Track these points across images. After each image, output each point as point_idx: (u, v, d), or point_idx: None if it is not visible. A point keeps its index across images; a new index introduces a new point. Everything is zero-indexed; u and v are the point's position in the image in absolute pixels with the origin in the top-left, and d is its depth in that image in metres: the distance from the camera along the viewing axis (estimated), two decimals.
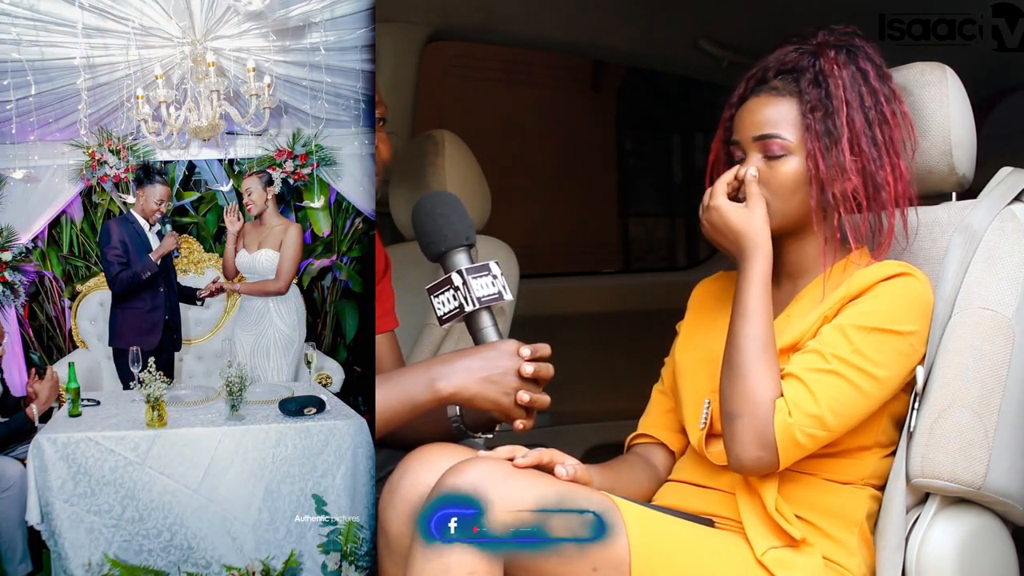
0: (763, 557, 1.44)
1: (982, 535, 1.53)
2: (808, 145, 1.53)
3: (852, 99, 1.54)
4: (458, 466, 1.38)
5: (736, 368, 1.47)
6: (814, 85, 1.55)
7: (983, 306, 1.51)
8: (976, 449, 1.47)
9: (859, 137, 1.53)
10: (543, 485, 1.39)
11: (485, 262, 1.52)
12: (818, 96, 1.54)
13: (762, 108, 1.57)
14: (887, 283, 1.49)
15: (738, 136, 1.60)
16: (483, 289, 1.51)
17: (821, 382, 1.44)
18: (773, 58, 1.62)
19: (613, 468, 1.68)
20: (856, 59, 1.56)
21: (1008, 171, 1.64)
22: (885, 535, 1.50)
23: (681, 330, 1.75)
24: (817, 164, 1.53)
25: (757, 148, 1.57)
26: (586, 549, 1.38)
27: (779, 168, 1.55)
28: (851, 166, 1.52)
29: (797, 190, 1.55)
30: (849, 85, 1.54)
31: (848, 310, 1.48)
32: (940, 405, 1.49)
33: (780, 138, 1.55)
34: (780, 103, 1.56)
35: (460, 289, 1.51)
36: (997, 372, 1.48)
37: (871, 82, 1.55)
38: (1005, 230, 1.55)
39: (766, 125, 1.56)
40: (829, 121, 1.52)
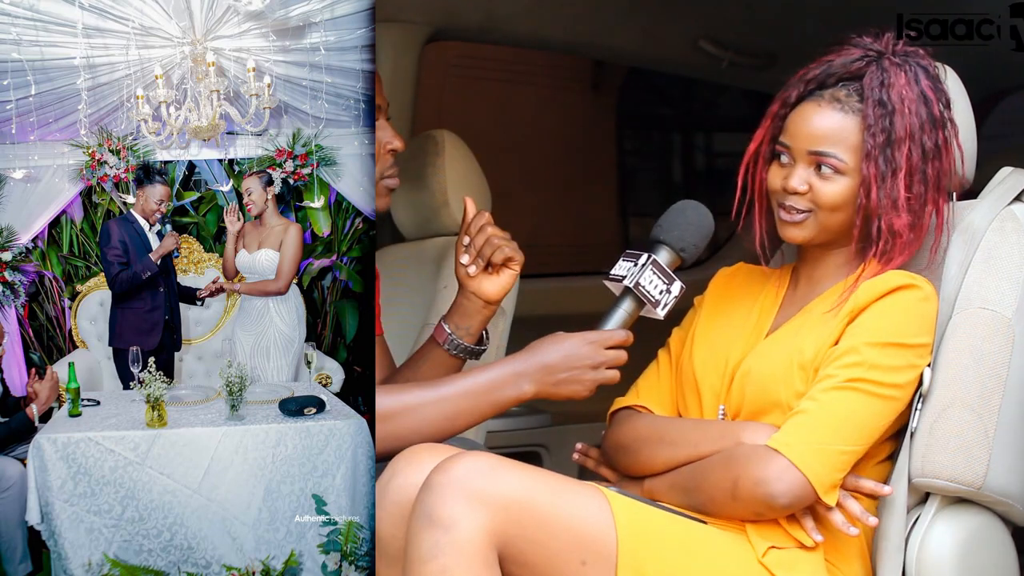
0: (764, 557, 1.44)
1: (982, 535, 1.53)
2: (864, 171, 1.50)
3: (916, 130, 1.49)
4: (444, 463, 1.37)
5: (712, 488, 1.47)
6: (880, 106, 1.49)
7: (983, 306, 1.51)
8: (976, 449, 1.47)
9: (915, 172, 1.50)
10: (531, 477, 1.39)
11: (676, 278, 1.56)
12: (883, 123, 1.49)
13: (822, 120, 1.52)
14: (893, 297, 1.47)
15: (789, 141, 1.54)
16: (649, 284, 1.55)
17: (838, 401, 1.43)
18: (838, 62, 1.55)
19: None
20: (921, 81, 1.51)
21: (1008, 171, 1.64)
22: (885, 535, 1.50)
23: (700, 316, 1.72)
24: (869, 193, 1.50)
25: (809, 161, 1.52)
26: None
27: (828, 186, 1.52)
28: (903, 202, 1.49)
29: (842, 209, 1.52)
30: (915, 114, 1.49)
31: (856, 329, 1.47)
32: (940, 405, 1.49)
33: (837, 158, 1.50)
34: (842, 119, 1.51)
35: (636, 268, 1.55)
36: (997, 372, 1.48)
37: (933, 110, 1.51)
38: (1005, 230, 1.54)
39: (824, 141, 1.51)
40: (889, 150, 1.49)
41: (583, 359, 1.53)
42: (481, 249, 1.65)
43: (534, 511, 1.37)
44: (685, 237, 1.59)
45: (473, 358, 1.72)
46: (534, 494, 1.38)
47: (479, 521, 1.34)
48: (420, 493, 1.37)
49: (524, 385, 1.53)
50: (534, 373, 1.53)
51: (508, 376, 1.54)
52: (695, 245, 1.59)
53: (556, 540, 1.37)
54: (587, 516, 1.39)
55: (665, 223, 1.60)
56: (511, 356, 1.57)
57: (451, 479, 1.35)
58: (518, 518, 1.36)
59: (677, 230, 1.59)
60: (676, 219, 1.60)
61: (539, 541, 1.37)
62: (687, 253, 1.59)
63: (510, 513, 1.35)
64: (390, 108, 1.81)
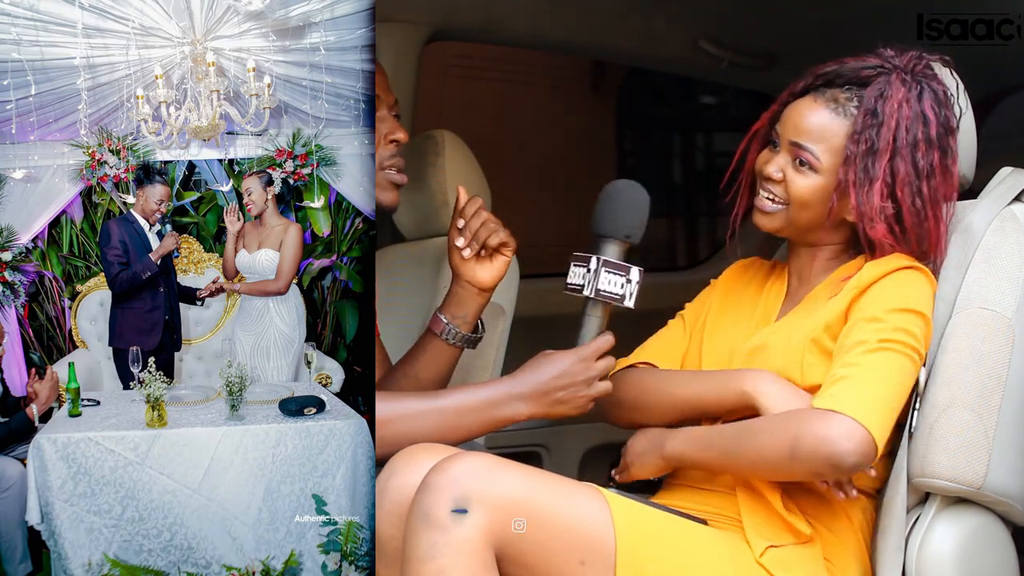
0: (762, 557, 1.44)
1: (982, 535, 1.53)
2: (840, 175, 1.51)
3: (904, 146, 1.50)
4: (441, 463, 1.37)
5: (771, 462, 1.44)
6: (870, 116, 1.51)
7: (983, 306, 1.51)
8: (976, 449, 1.47)
9: (902, 185, 1.50)
10: (529, 478, 1.39)
11: (630, 265, 1.55)
12: (869, 132, 1.50)
13: (812, 115, 1.54)
14: (899, 274, 1.49)
15: (780, 128, 1.58)
16: (608, 285, 1.54)
17: (879, 361, 1.43)
18: (850, 65, 1.56)
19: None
20: (923, 101, 1.52)
21: (1008, 171, 1.64)
22: (885, 535, 1.50)
23: (711, 303, 1.72)
24: (845, 197, 1.51)
25: (790, 151, 1.55)
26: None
27: (801, 180, 1.54)
28: (876, 212, 1.50)
29: (810, 207, 1.54)
30: (906, 129, 1.50)
31: (872, 299, 1.47)
32: (940, 405, 1.49)
33: (813, 154, 1.53)
34: (831, 119, 1.53)
35: (590, 274, 1.55)
36: (997, 372, 1.48)
37: (931, 131, 1.51)
38: (1005, 230, 1.55)
39: (807, 135, 1.53)
40: (870, 160, 1.50)
41: (577, 376, 1.54)
42: (477, 232, 1.65)
43: (532, 511, 1.37)
44: (624, 224, 1.56)
45: (471, 347, 1.72)
46: (532, 494, 1.38)
47: (477, 521, 1.34)
48: (418, 493, 1.37)
49: (520, 406, 1.54)
50: (530, 395, 1.54)
51: (504, 396, 1.54)
52: (637, 226, 1.57)
53: (554, 540, 1.37)
54: (586, 516, 1.40)
55: (600, 216, 1.58)
56: (507, 376, 1.57)
57: (448, 479, 1.35)
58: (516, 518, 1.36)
59: (614, 219, 1.57)
60: (610, 208, 1.58)
61: (537, 541, 1.37)
62: (633, 237, 1.57)
63: (508, 513, 1.35)
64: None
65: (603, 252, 1.56)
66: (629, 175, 1.69)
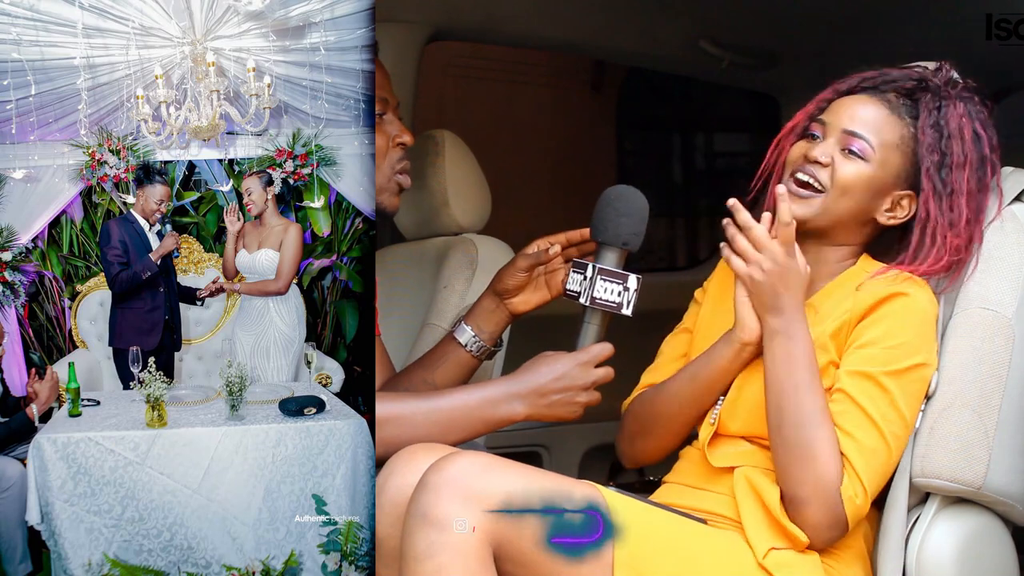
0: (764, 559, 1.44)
1: (982, 535, 1.53)
2: (924, 185, 1.53)
3: (974, 160, 1.53)
4: (439, 462, 1.38)
5: (801, 447, 1.44)
6: (934, 129, 1.54)
7: (983, 306, 1.51)
8: (976, 449, 1.47)
9: (969, 199, 1.53)
10: (526, 477, 1.39)
11: (628, 273, 1.54)
12: (939, 145, 1.54)
13: (867, 108, 1.56)
14: (894, 303, 1.48)
15: (828, 118, 1.58)
16: (604, 293, 1.54)
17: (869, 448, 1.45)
18: (897, 74, 1.59)
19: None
20: (975, 119, 1.55)
21: (1008, 171, 1.64)
22: (885, 535, 1.50)
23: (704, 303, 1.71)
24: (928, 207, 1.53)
25: (841, 139, 1.54)
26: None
27: (849, 166, 1.53)
28: (963, 223, 1.52)
29: (851, 194, 1.54)
30: (971, 144, 1.54)
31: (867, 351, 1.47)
32: (940, 405, 1.49)
33: (867, 142, 1.53)
34: (886, 115, 1.55)
35: (586, 282, 1.55)
36: (997, 372, 1.48)
37: (984, 149, 1.55)
38: (1005, 230, 1.55)
39: (863, 125, 1.54)
40: (945, 172, 1.53)
41: (575, 380, 1.54)
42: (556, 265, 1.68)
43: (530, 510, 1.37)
44: (621, 231, 1.56)
45: (488, 359, 1.74)
46: (529, 493, 1.38)
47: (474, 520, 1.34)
48: (415, 492, 1.37)
49: (517, 406, 1.54)
50: (527, 395, 1.54)
51: (501, 396, 1.54)
52: (635, 233, 1.56)
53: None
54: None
55: (598, 222, 1.57)
56: (505, 376, 1.58)
57: (446, 478, 1.35)
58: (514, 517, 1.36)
59: (611, 226, 1.56)
60: (608, 214, 1.57)
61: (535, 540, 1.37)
62: (631, 244, 1.56)
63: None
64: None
65: (601, 259, 1.56)
66: (629, 175, 1.68)
